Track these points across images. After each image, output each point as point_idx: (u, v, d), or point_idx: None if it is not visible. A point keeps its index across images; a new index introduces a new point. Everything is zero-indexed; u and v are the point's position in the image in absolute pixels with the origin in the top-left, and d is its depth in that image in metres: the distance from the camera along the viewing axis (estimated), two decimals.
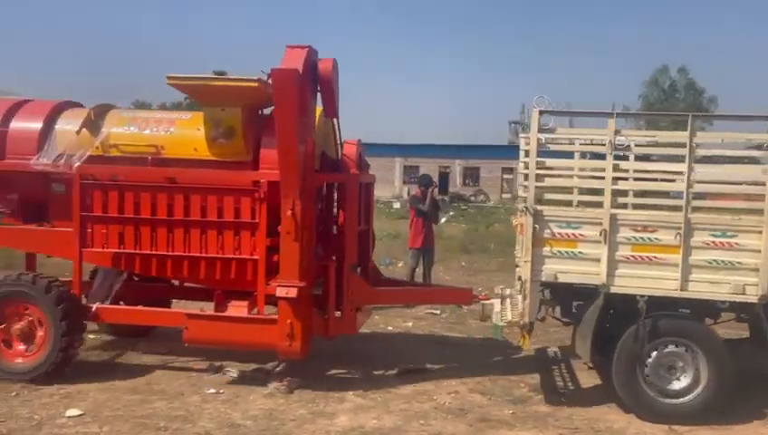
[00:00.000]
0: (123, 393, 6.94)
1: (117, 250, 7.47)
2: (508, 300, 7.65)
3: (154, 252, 7.42)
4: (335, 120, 7.64)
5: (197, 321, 7.18)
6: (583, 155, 8.01)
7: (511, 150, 70.63)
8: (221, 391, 7.07)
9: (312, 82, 7.01)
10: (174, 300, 9.08)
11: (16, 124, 7.74)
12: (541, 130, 6.54)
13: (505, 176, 64.68)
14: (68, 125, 7.71)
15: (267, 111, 7.69)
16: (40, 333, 7.27)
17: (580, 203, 7.67)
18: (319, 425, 6.21)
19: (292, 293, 6.79)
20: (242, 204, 7.25)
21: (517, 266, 8.17)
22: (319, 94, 7.21)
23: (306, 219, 6.93)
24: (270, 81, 6.76)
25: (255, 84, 6.99)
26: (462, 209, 43.31)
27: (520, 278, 7.60)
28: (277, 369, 7.55)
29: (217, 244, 7.31)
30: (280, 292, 6.80)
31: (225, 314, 7.26)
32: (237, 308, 7.32)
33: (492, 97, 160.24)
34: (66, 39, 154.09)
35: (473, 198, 58.21)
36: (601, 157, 6.65)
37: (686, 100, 64.65)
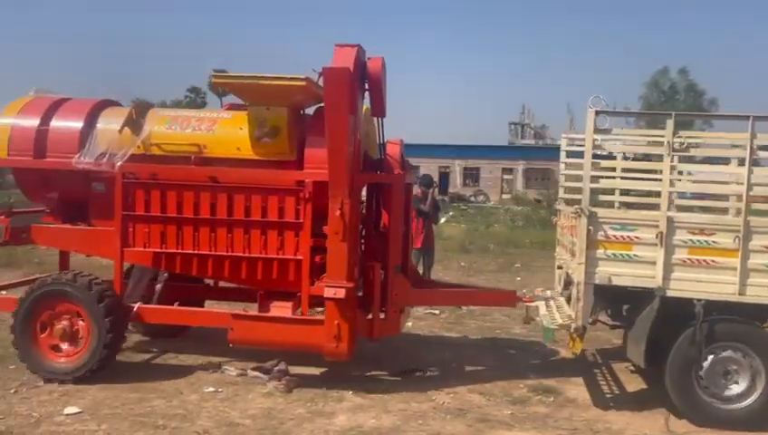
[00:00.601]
0: (122, 391, 6.87)
1: (159, 250, 7.35)
2: (552, 302, 7.56)
3: (196, 252, 7.29)
4: (379, 119, 7.52)
5: (243, 321, 7.05)
6: (625, 157, 7.91)
7: (511, 151, 71.20)
8: (220, 389, 7.01)
9: (360, 81, 6.91)
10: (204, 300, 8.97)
11: (57, 123, 7.62)
12: (596, 131, 6.41)
13: (505, 176, 64.74)
14: (109, 124, 7.58)
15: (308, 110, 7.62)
16: (82, 332, 7.15)
17: (622, 204, 7.59)
18: (317, 424, 6.18)
19: (341, 293, 6.68)
20: (286, 204, 7.13)
21: (559, 268, 8.11)
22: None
23: (353, 220, 6.84)
24: (320, 79, 6.65)
25: (304, 83, 6.88)
26: (462, 209, 43.22)
27: (569, 280, 7.55)
28: (276, 368, 7.44)
29: (261, 244, 7.19)
30: (328, 292, 6.69)
31: (272, 314, 7.15)
32: (282, 309, 7.21)
33: (492, 97, 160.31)
34: (71, 38, 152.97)
35: (473, 199, 58.21)
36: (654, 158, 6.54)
37: (686, 101, 64.68)
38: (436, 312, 10.65)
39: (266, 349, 7.46)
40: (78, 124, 7.58)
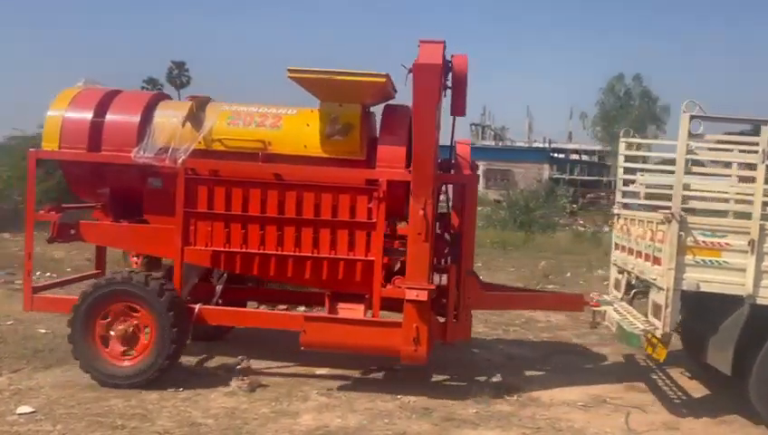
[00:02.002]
0: (78, 390, 6.58)
1: (221, 249, 6.96)
2: (618, 307, 7.43)
3: (260, 251, 6.94)
4: (454, 118, 7.25)
5: (317, 324, 6.73)
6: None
7: (472, 152, 71.00)
8: (180, 388, 6.72)
9: (444, 78, 6.63)
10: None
11: (114, 116, 7.18)
12: (690, 137, 6.25)
13: None
14: (167, 117, 7.18)
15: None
16: (144, 336, 6.76)
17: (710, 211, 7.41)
18: (282, 424, 5.99)
19: (423, 296, 6.42)
20: (358, 203, 6.83)
21: (621, 273, 7.96)
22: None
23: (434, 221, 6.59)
24: (409, 76, 6.37)
25: (384, 80, 6.59)
26: None
27: (632, 284, 7.42)
28: (239, 366, 7.24)
29: (330, 244, 6.88)
30: (409, 294, 6.42)
31: (347, 316, 6.84)
32: (354, 311, 6.91)
33: None
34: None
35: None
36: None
37: (640, 107, 65.71)
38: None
39: (339, 352, 7.20)
40: (135, 117, 7.16)
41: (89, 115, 7.14)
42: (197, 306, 7.01)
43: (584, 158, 76.87)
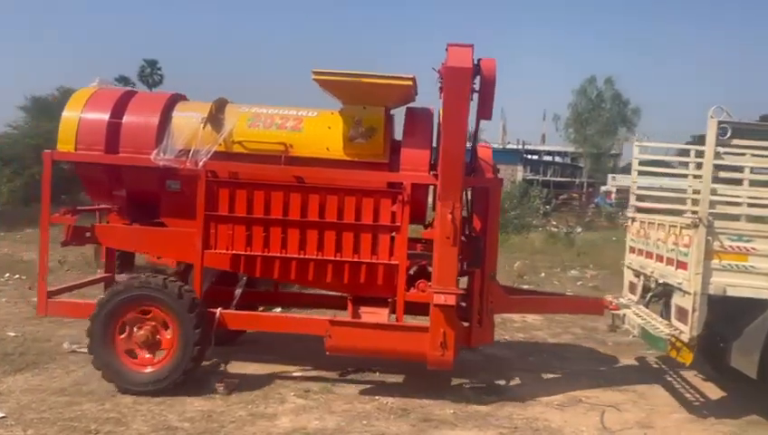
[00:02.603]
0: (50, 394, 6.45)
1: (243, 252, 6.83)
2: (636, 310, 7.43)
3: (283, 254, 6.82)
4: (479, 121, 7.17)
5: (342, 328, 6.63)
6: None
7: None
8: None
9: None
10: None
11: (132, 117, 7.00)
12: (718, 143, 6.26)
13: None
14: (185, 119, 7.02)
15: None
16: (166, 340, 6.60)
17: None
18: (259, 427, 5.92)
19: (451, 300, 6.34)
20: (382, 206, 6.74)
21: (636, 276, 7.96)
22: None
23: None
24: (440, 78, 6.30)
25: (410, 83, 6.52)
26: None
27: (649, 288, 7.41)
28: (217, 369, 7.16)
29: (353, 247, 6.78)
30: (437, 299, 6.33)
31: (374, 321, 6.74)
32: (378, 315, 6.82)
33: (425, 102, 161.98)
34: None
35: None
36: None
37: (612, 110, 66.32)
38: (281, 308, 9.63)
39: (364, 356, 7.10)
40: (154, 118, 6.99)
41: (106, 116, 6.96)
42: (218, 311, 6.85)
43: (557, 159, 77.50)
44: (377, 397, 6.78)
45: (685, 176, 8.19)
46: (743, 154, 6.73)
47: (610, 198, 45.91)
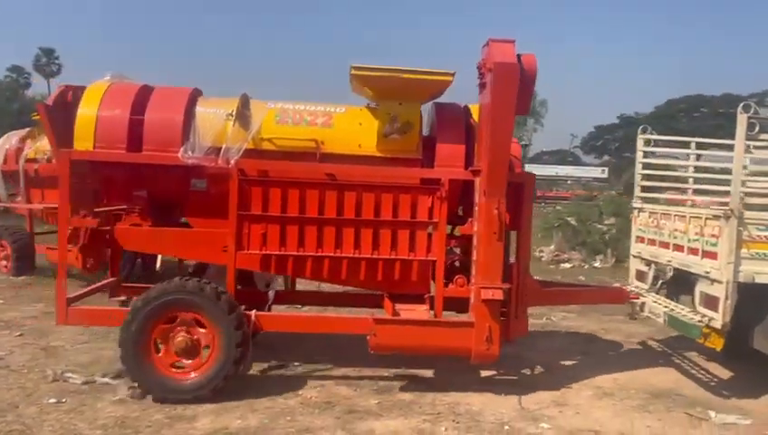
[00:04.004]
0: None
1: (277, 252, 6.59)
2: (655, 298, 7.65)
3: (318, 253, 6.63)
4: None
5: (387, 326, 6.45)
6: None
7: None
8: (63, 400, 6.20)
9: None
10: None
11: (155, 113, 6.60)
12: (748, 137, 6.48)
13: None
14: (210, 115, 6.69)
15: None
16: (206, 345, 6.29)
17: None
18: (178, 429, 5.66)
19: (498, 295, 6.31)
20: (419, 203, 6.65)
21: (647, 265, 8.15)
22: None
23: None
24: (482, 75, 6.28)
25: (451, 78, 6.44)
26: None
27: (666, 276, 7.62)
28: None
29: (390, 245, 6.66)
30: (485, 294, 6.29)
31: (419, 318, 6.64)
32: (418, 312, 6.74)
33: None
34: None
35: None
36: None
37: None
38: (299, 306, 9.25)
39: (408, 354, 7.00)
40: (179, 114, 6.61)
41: (126, 113, 6.53)
42: (253, 313, 6.59)
43: None
44: (300, 392, 6.61)
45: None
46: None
47: None
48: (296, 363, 7.40)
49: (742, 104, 6.45)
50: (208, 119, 6.66)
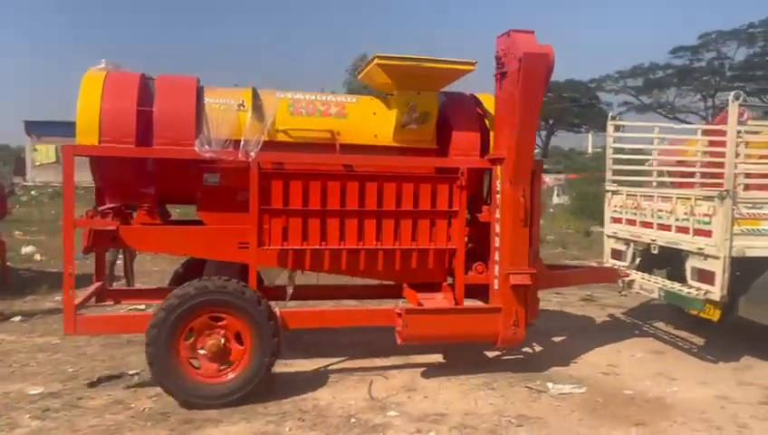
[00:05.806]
0: None
1: (298, 247, 6.33)
2: (642, 275, 8.04)
3: (342, 246, 6.45)
4: None
5: (417, 316, 6.38)
6: None
7: None
8: None
9: None
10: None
11: (164, 104, 6.12)
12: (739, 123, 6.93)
13: None
14: (221, 106, 6.29)
15: None
16: (238, 349, 5.95)
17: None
18: None
19: (526, 280, 6.42)
20: (438, 192, 6.60)
21: (626, 244, 8.51)
22: None
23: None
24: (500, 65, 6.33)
25: (472, 67, 6.42)
26: None
27: (649, 253, 8.00)
28: None
29: (411, 234, 6.59)
30: (514, 279, 6.38)
31: (448, 306, 6.62)
32: (440, 300, 6.74)
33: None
34: None
35: None
36: None
37: None
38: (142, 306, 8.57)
39: (436, 343, 6.89)
40: (190, 105, 6.16)
41: (134, 104, 6.01)
42: (277, 310, 6.28)
43: None
44: (133, 404, 5.89)
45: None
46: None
47: None
48: (133, 371, 6.77)
49: (733, 93, 6.88)
50: (219, 110, 6.26)
